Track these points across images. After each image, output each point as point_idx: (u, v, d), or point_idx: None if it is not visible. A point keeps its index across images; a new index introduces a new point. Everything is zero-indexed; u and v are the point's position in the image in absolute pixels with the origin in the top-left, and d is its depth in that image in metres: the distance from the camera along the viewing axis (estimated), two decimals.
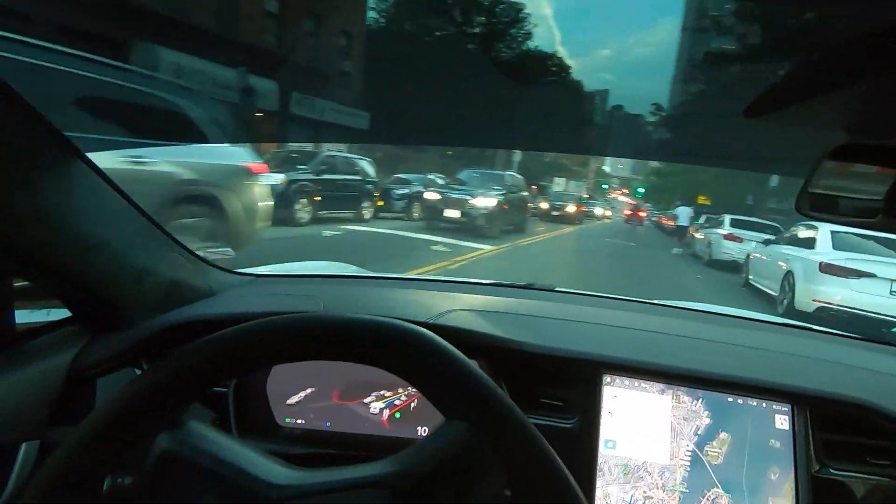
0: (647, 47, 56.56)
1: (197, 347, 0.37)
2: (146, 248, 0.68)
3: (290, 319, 0.37)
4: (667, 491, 0.61)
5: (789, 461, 0.60)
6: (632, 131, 13.42)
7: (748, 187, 17.03)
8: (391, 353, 0.36)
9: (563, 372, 0.67)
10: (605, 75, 57.66)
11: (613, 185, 52.72)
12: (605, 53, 47.95)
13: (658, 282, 6.20)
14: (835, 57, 0.40)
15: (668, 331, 0.76)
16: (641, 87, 44.38)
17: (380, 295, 0.89)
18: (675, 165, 22.61)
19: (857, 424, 0.61)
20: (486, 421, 0.34)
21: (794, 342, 0.79)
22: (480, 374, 0.35)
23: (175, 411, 0.36)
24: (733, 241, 7.37)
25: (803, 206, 0.47)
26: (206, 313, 0.70)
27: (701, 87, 14.83)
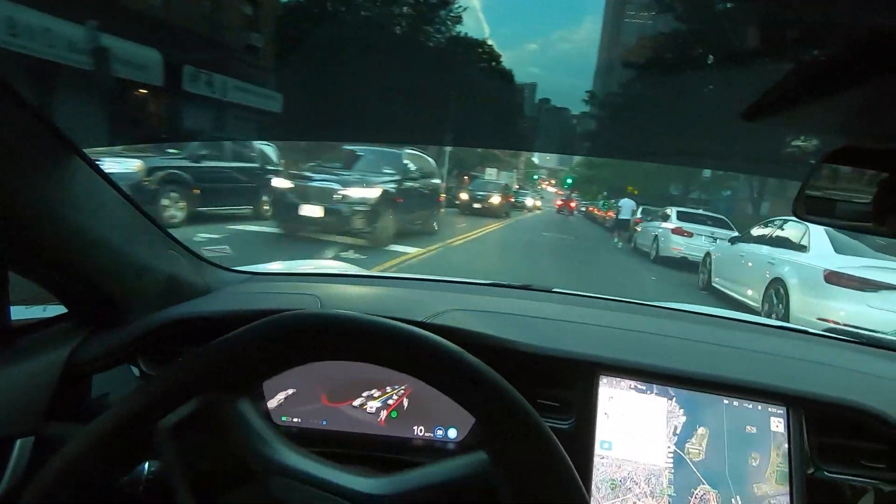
0: (571, 43, 61.48)
1: (218, 346, 0.38)
2: (143, 244, 0.69)
3: (359, 322, 0.39)
4: (655, 497, 0.64)
5: (767, 446, 0.65)
6: (559, 125, 14.23)
7: (672, 178, 17.86)
8: (453, 380, 0.39)
9: (559, 373, 0.69)
10: (533, 69, 61.91)
11: (542, 175, 56.05)
12: (532, 47, 50.81)
13: (614, 286, 5.77)
14: (829, 62, 0.43)
15: (665, 332, 0.80)
16: (567, 83, 48.12)
17: (376, 294, 0.91)
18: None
19: (852, 427, 0.65)
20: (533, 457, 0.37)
21: (789, 345, 0.84)
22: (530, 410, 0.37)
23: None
24: (682, 235, 7.11)
25: (800, 210, 0.50)
26: (203, 310, 0.72)
27: (620, 84, 16.29)
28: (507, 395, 0.38)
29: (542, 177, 55.31)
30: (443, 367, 0.39)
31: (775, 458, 0.65)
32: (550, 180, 56.01)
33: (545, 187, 48.00)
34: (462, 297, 0.88)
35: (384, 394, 0.72)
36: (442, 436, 0.72)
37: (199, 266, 0.84)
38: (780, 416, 0.66)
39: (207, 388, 0.39)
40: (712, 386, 0.67)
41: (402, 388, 0.72)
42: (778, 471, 0.64)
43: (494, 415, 0.38)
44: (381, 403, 0.72)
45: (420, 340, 0.38)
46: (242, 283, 0.90)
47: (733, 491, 0.64)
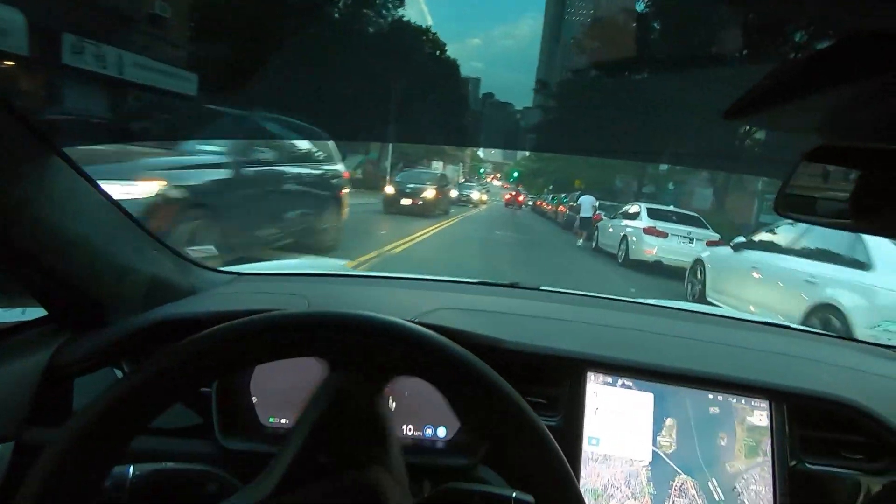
0: (513, 39, 64.72)
1: (211, 335, 0.39)
2: (126, 245, 0.70)
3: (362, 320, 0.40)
4: (637, 497, 0.68)
5: (731, 423, 0.70)
6: (503, 120, 14.54)
7: (621, 171, 18.11)
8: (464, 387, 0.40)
9: (547, 370, 0.73)
10: (477, 63, 64.77)
11: (488, 170, 57.67)
12: (475, 42, 52.43)
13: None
14: (810, 61, 0.45)
15: (652, 329, 0.84)
16: (510, 78, 50.31)
17: (365, 293, 0.94)
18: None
19: (832, 420, 0.70)
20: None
21: (772, 340, 0.90)
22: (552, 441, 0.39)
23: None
24: (656, 236, 6.55)
25: (781, 208, 0.53)
26: (187, 312, 0.74)
27: (561, 79, 16.98)
28: (502, 392, 0.40)
29: (488, 171, 56.85)
30: (438, 363, 0.40)
31: (741, 434, 0.70)
32: (496, 174, 57.69)
33: (491, 181, 49.40)
34: (450, 296, 0.91)
35: None
36: (431, 435, 0.75)
37: (184, 267, 0.85)
38: (762, 409, 0.71)
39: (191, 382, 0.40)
40: (697, 381, 0.71)
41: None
42: (746, 446, 0.69)
43: (487, 410, 0.40)
44: None
45: (406, 335, 0.40)
46: (228, 283, 0.92)
47: (708, 474, 0.69)
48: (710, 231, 6.88)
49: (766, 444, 0.70)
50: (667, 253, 6.40)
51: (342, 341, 0.41)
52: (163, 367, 0.39)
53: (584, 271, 6.92)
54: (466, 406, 0.42)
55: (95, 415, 0.37)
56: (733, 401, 0.71)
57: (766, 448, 0.69)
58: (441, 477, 0.67)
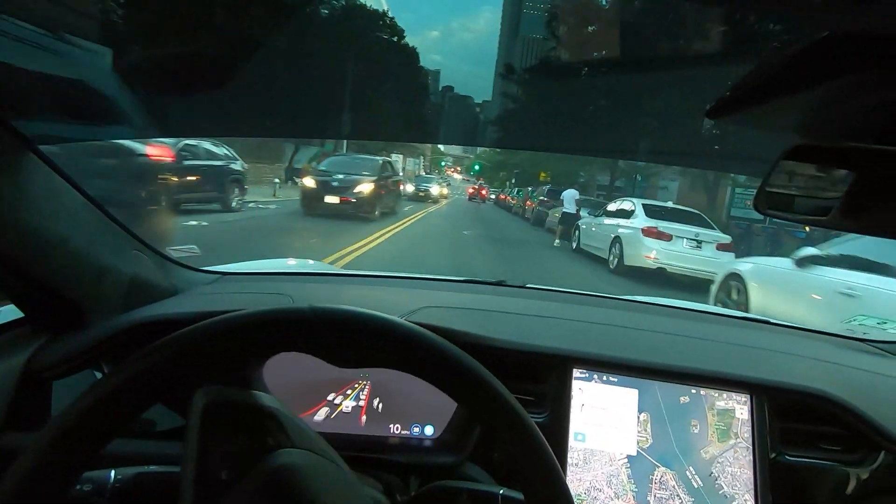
0: (471, 33, 65.50)
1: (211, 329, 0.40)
2: (106, 245, 0.71)
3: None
4: (620, 497, 0.71)
5: (702, 409, 0.74)
6: (463, 114, 14.68)
7: (589, 165, 17.75)
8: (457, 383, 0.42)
9: (534, 367, 0.76)
10: (435, 56, 65.09)
11: (448, 163, 58.05)
12: (433, 34, 52.67)
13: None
14: (788, 61, 0.49)
15: (637, 326, 0.88)
16: (469, 71, 50.83)
17: (350, 292, 0.97)
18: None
19: (811, 412, 0.74)
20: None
21: (753, 335, 0.95)
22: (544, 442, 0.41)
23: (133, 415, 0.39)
24: (658, 238, 5.73)
25: (761, 205, 0.57)
26: (169, 312, 0.75)
27: (522, 74, 17.43)
28: (492, 389, 0.41)
29: (449, 164, 57.19)
30: (429, 358, 0.42)
31: (712, 419, 0.74)
32: (457, 167, 58.07)
33: (452, 174, 49.70)
34: (437, 294, 0.94)
35: (351, 390, 0.77)
36: (419, 433, 0.77)
37: (166, 266, 0.86)
38: (744, 403, 0.75)
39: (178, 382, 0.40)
40: (680, 377, 0.75)
41: (365, 383, 0.77)
42: (718, 430, 0.74)
43: (477, 407, 0.42)
44: (353, 400, 0.76)
45: (401, 331, 0.42)
46: (211, 283, 0.93)
47: (685, 463, 0.73)
48: (718, 232, 6.14)
49: (736, 427, 0.74)
50: (671, 259, 5.59)
51: (332, 338, 0.42)
52: (141, 369, 0.39)
53: (568, 274, 6.19)
54: (457, 399, 0.43)
55: (73, 419, 0.38)
56: (702, 388, 0.75)
57: (737, 430, 0.74)
58: (429, 475, 0.70)
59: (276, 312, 0.42)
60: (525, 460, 0.41)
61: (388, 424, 0.77)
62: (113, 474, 0.56)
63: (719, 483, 0.72)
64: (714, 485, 0.72)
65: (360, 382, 0.78)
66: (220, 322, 0.41)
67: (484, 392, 0.41)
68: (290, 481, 0.42)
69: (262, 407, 0.45)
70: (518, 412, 0.41)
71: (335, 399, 0.77)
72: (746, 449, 0.73)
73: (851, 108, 0.48)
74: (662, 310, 1.10)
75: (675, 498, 0.71)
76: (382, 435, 0.77)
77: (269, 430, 0.44)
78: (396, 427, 0.77)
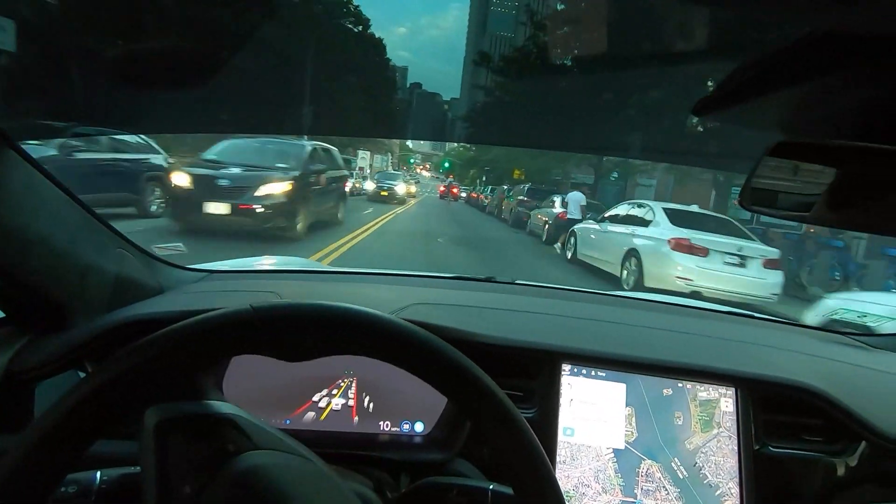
0: (439, 30, 66.23)
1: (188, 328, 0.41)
2: (89, 243, 0.72)
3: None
4: (608, 491, 0.75)
5: (684, 400, 0.78)
6: (431, 110, 14.60)
7: (562, 161, 17.78)
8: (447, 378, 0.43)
9: (523, 363, 0.79)
10: (403, 53, 65.35)
11: (417, 160, 58.11)
12: (401, 31, 52.72)
13: None
14: (772, 60, 0.52)
15: (625, 321, 0.92)
16: (437, 69, 51.33)
17: (340, 289, 0.99)
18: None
19: (793, 405, 0.78)
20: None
21: (737, 329, 0.99)
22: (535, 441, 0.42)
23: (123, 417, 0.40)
24: (691, 253, 4.69)
25: (746, 200, 0.60)
26: (155, 311, 0.76)
27: (491, 71, 17.52)
28: (482, 384, 0.43)
29: (418, 161, 57.22)
30: (419, 354, 0.43)
31: (695, 410, 0.78)
32: (426, 165, 58.16)
33: (421, 172, 49.75)
34: (426, 291, 0.97)
35: (337, 389, 0.79)
36: (409, 430, 0.80)
37: (151, 265, 0.87)
38: (729, 396, 0.79)
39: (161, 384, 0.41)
40: (667, 371, 0.79)
41: (351, 380, 0.79)
42: (700, 420, 0.78)
43: (467, 403, 0.43)
44: (343, 400, 0.79)
45: (393, 327, 0.43)
46: (198, 281, 0.95)
47: (670, 455, 0.76)
48: (760, 244, 5.14)
49: (718, 416, 0.78)
50: (708, 280, 4.59)
51: (317, 335, 0.43)
52: (124, 368, 0.40)
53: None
54: (448, 396, 0.45)
55: (56, 420, 0.38)
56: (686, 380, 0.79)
57: (719, 420, 0.77)
58: (419, 471, 0.72)
59: (217, 318, 0.42)
60: (514, 455, 0.42)
61: (377, 421, 0.79)
62: (98, 475, 0.57)
63: (704, 473, 0.75)
64: (699, 475, 0.75)
65: (346, 380, 0.79)
66: (207, 318, 0.42)
67: (473, 387, 0.42)
68: (258, 483, 0.43)
69: (218, 414, 0.46)
70: (507, 407, 0.42)
71: (321, 398, 0.79)
72: (729, 438, 0.77)
73: (834, 105, 0.52)
74: (650, 305, 1.14)
75: (661, 490, 0.75)
76: (372, 432, 0.79)
77: (228, 437, 0.45)
78: (386, 424, 0.80)
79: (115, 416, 0.40)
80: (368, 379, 0.80)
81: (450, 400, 0.45)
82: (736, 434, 0.77)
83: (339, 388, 0.79)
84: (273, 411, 0.78)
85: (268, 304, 0.43)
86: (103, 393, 0.39)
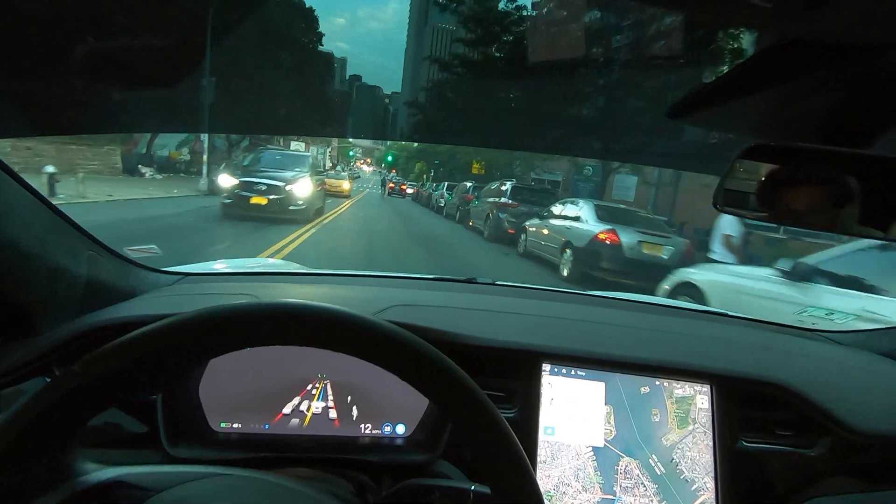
0: (379, 22, 66.00)
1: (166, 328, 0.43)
2: (58, 246, 0.74)
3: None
4: (588, 489, 0.81)
5: (661, 398, 0.85)
6: (371, 104, 14.24)
7: (523, 156, 17.57)
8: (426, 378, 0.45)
9: (504, 363, 0.85)
10: (342, 44, 64.25)
11: (357, 154, 57.52)
12: (339, 21, 51.89)
13: None
14: (745, 67, 0.58)
15: (604, 321, 0.99)
16: (377, 62, 50.91)
17: (319, 292, 1.04)
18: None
19: (766, 400, 0.86)
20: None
21: (713, 327, 1.07)
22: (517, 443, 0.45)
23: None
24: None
25: (719, 202, 0.66)
26: (127, 315, 0.78)
27: (432, 65, 17.35)
28: (463, 385, 0.45)
29: (358, 155, 56.62)
30: (399, 355, 0.45)
31: (671, 407, 0.85)
32: (367, 159, 57.70)
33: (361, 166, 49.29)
34: (407, 293, 1.03)
35: (315, 390, 0.83)
36: (390, 432, 0.84)
37: (124, 268, 0.90)
38: (704, 393, 0.86)
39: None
40: (645, 369, 0.85)
41: (325, 383, 0.83)
42: (677, 417, 0.85)
43: (448, 403, 0.45)
44: (323, 403, 0.83)
45: (374, 328, 0.45)
46: (173, 284, 0.98)
47: (648, 452, 0.83)
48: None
49: (694, 413, 0.85)
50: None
51: (298, 333, 0.45)
52: (90, 375, 0.41)
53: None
54: (429, 397, 0.47)
55: (13, 429, 0.39)
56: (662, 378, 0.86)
57: (694, 416, 0.84)
58: (401, 474, 0.76)
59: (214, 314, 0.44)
60: (494, 456, 0.45)
61: (359, 424, 0.83)
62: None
63: (680, 468, 0.82)
64: (676, 470, 0.82)
65: (319, 383, 0.83)
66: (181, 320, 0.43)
67: (454, 387, 0.45)
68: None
69: (100, 483, 0.47)
70: (487, 408, 0.45)
71: (301, 402, 0.82)
72: (704, 433, 0.84)
73: (801, 110, 0.58)
74: (628, 304, 1.22)
75: (639, 486, 0.81)
76: (353, 435, 0.83)
77: (123, 497, 0.47)
78: (367, 427, 0.84)
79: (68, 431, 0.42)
80: (343, 381, 0.83)
81: (430, 400, 0.48)
82: (711, 430, 0.84)
83: (314, 391, 0.83)
84: (249, 417, 0.81)
85: (257, 303, 0.45)
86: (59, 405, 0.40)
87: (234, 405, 0.81)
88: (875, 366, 1.01)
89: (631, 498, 0.81)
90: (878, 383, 0.95)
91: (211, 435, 0.80)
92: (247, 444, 0.79)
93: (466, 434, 0.45)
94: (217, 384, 0.80)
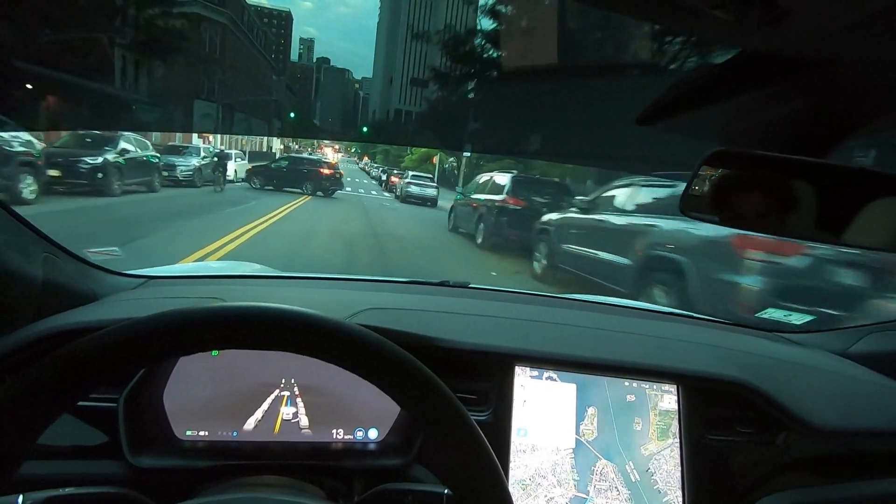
0: (348, 7, 65.75)
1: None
2: (12, 248, 0.73)
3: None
4: (563, 484, 0.84)
5: (645, 408, 0.88)
6: (340, 87, 14.17)
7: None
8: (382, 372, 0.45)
9: (477, 366, 0.87)
10: (308, 28, 64.13)
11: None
12: (306, 4, 51.30)
13: None
14: (710, 77, 0.60)
15: (574, 322, 1.02)
16: (346, 48, 50.62)
17: (289, 295, 1.03)
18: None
19: (729, 398, 0.90)
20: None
21: (678, 328, 1.11)
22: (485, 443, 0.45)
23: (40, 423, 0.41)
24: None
25: (686, 208, 0.68)
26: (86, 320, 0.77)
27: (404, 56, 17.30)
28: (433, 388, 0.45)
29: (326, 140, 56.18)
30: (366, 358, 0.45)
31: (654, 419, 0.88)
32: (334, 146, 57.42)
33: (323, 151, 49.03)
34: (379, 296, 1.03)
35: (284, 394, 0.83)
36: (363, 437, 0.85)
37: (84, 271, 0.89)
38: (671, 393, 0.89)
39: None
40: (615, 370, 0.88)
41: (292, 387, 0.83)
42: (658, 428, 0.88)
43: (418, 406, 0.46)
44: (292, 408, 0.83)
45: (341, 331, 0.45)
46: (136, 288, 0.96)
47: (626, 458, 0.86)
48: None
49: (675, 427, 0.88)
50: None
51: (265, 336, 0.44)
52: (33, 382, 0.40)
53: None
54: (398, 401, 0.47)
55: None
56: (647, 387, 0.89)
57: (675, 430, 0.88)
58: (374, 478, 0.76)
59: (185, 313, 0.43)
60: (466, 461, 0.45)
61: (330, 429, 0.83)
62: (21, 500, 0.56)
63: (654, 479, 0.85)
64: (650, 480, 0.85)
65: (286, 388, 0.83)
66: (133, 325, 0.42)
67: (424, 390, 0.45)
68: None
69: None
70: (456, 410, 0.45)
71: (269, 406, 0.82)
72: (679, 443, 0.87)
73: (763, 119, 0.61)
74: (598, 307, 1.26)
75: (613, 490, 0.84)
76: (325, 440, 0.83)
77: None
78: (339, 432, 0.84)
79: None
80: (314, 385, 0.83)
81: (399, 405, 0.48)
82: (678, 429, 0.88)
83: (284, 396, 0.83)
84: (217, 424, 0.80)
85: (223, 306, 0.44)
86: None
87: (201, 412, 0.80)
88: (829, 365, 1.07)
89: (603, 500, 0.83)
90: (832, 381, 1.00)
91: (176, 443, 0.79)
92: (214, 452, 0.78)
93: (437, 439, 0.46)
94: (182, 390, 0.79)
